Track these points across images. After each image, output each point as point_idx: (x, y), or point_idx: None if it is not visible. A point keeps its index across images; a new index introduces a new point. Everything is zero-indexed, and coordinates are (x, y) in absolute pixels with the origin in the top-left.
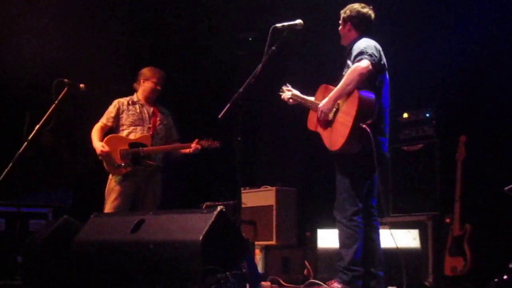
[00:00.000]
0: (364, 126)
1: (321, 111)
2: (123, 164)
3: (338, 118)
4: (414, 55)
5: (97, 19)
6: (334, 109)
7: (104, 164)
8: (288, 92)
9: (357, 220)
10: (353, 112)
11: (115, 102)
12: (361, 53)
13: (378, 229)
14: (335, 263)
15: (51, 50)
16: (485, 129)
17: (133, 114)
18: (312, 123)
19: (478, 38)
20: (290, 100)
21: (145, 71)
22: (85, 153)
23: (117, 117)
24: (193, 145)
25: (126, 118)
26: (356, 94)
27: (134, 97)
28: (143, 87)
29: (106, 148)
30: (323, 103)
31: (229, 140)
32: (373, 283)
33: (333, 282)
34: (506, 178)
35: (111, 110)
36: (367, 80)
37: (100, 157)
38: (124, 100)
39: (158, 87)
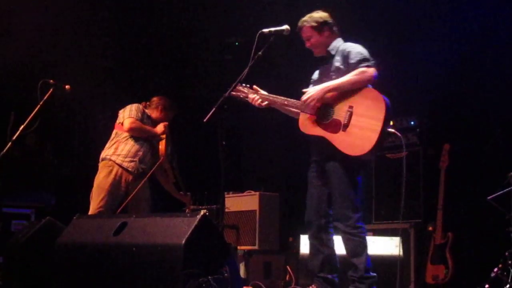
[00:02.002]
0: (393, 131)
1: (312, 98)
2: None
3: (357, 122)
4: (398, 63)
5: (83, 21)
6: (349, 112)
7: (160, 144)
8: (254, 95)
9: (362, 226)
10: (381, 117)
11: (141, 108)
12: (366, 59)
13: (332, 235)
14: (347, 273)
15: (37, 51)
16: (468, 138)
17: (147, 124)
18: (307, 126)
19: (462, 47)
20: (263, 104)
21: (167, 103)
22: (69, 154)
23: (140, 121)
24: (187, 200)
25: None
26: (380, 98)
27: (147, 112)
28: (153, 113)
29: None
30: (315, 89)
31: (214, 144)
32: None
33: None
34: (489, 187)
35: (138, 114)
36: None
37: (162, 136)
38: (144, 111)
39: (169, 116)
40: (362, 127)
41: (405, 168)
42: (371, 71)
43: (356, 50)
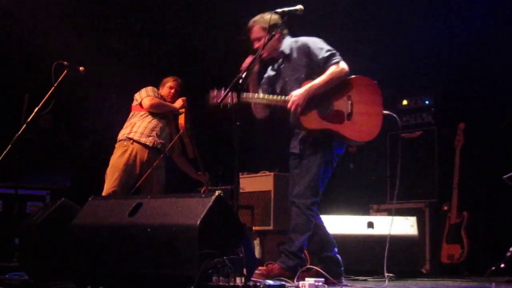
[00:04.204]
0: (388, 112)
1: (296, 104)
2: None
3: (359, 109)
4: (414, 42)
5: (96, 2)
6: (349, 102)
7: (180, 119)
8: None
9: (315, 210)
10: (380, 101)
11: (155, 89)
12: (334, 54)
13: (319, 215)
14: (280, 246)
15: (50, 32)
16: (483, 117)
17: None
18: (313, 120)
19: (478, 26)
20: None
21: (164, 79)
22: (83, 136)
23: None
24: (205, 180)
25: None
26: (373, 83)
27: (160, 93)
28: (163, 92)
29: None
30: (297, 94)
31: (228, 125)
32: (334, 266)
33: (274, 264)
34: (504, 166)
35: (155, 93)
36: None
37: (181, 110)
38: (158, 92)
39: (173, 90)
40: (365, 113)
41: (421, 147)
42: (344, 66)
43: (318, 45)
